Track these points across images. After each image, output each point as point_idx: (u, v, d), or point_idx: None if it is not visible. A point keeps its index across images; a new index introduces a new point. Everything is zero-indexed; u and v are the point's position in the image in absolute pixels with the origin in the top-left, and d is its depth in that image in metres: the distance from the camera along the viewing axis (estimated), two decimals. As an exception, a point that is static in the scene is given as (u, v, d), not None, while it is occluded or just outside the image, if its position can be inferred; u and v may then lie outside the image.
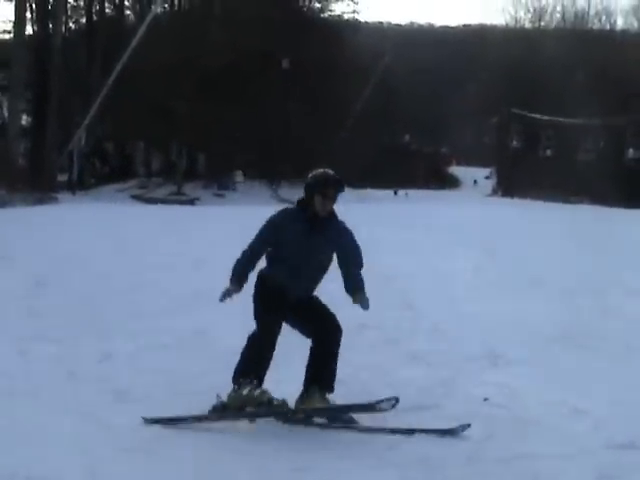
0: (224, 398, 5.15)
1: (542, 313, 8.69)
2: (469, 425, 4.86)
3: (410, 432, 4.91)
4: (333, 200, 5.26)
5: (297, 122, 35.92)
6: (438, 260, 13.34)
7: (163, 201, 31.93)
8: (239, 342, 5.39)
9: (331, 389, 5.28)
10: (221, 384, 5.67)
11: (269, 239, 5.31)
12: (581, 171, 43.90)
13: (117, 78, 32.85)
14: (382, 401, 4.86)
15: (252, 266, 5.35)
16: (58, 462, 4.27)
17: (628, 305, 9.25)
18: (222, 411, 5.11)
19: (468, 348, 7.02)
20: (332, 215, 5.34)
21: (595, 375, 6.21)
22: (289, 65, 37.22)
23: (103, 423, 4.97)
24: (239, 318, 8.21)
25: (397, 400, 4.82)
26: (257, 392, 5.06)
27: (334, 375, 5.29)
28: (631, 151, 50.28)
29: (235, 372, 5.18)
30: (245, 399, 5.05)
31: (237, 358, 5.67)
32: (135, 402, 5.43)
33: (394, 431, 4.95)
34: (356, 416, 5.16)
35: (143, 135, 38.35)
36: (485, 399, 5.49)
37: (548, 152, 54.00)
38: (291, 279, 5.20)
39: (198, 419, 5.07)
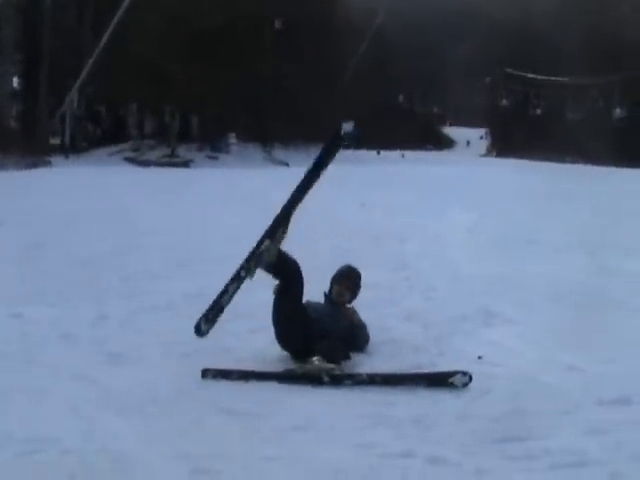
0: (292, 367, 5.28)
1: (537, 272, 8.70)
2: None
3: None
4: (349, 291, 5.86)
5: (290, 84, 35.61)
6: (431, 220, 13.34)
7: (157, 163, 31.77)
8: (231, 305, 5.41)
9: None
10: (214, 345, 5.68)
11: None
12: (571, 130, 43.88)
13: (109, 39, 32.50)
14: (455, 374, 4.94)
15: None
16: (54, 423, 4.29)
17: (623, 263, 9.25)
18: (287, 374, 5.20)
19: (462, 307, 7.03)
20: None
21: (589, 333, 6.22)
22: (282, 25, 36.84)
23: (98, 384, 4.99)
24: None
25: (470, 378, 4.91)
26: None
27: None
28: (618, 110, 50.27)
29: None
30: (318, 367, 5.15)
31: (230, 320, 5.70)
32: (129, 364, 5.45)
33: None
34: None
35: (136, 97, 38.05)
36: (479, 357, 5.51)
37: (538, 111, 53.91)
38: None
39: (260, 376, 5.13)
